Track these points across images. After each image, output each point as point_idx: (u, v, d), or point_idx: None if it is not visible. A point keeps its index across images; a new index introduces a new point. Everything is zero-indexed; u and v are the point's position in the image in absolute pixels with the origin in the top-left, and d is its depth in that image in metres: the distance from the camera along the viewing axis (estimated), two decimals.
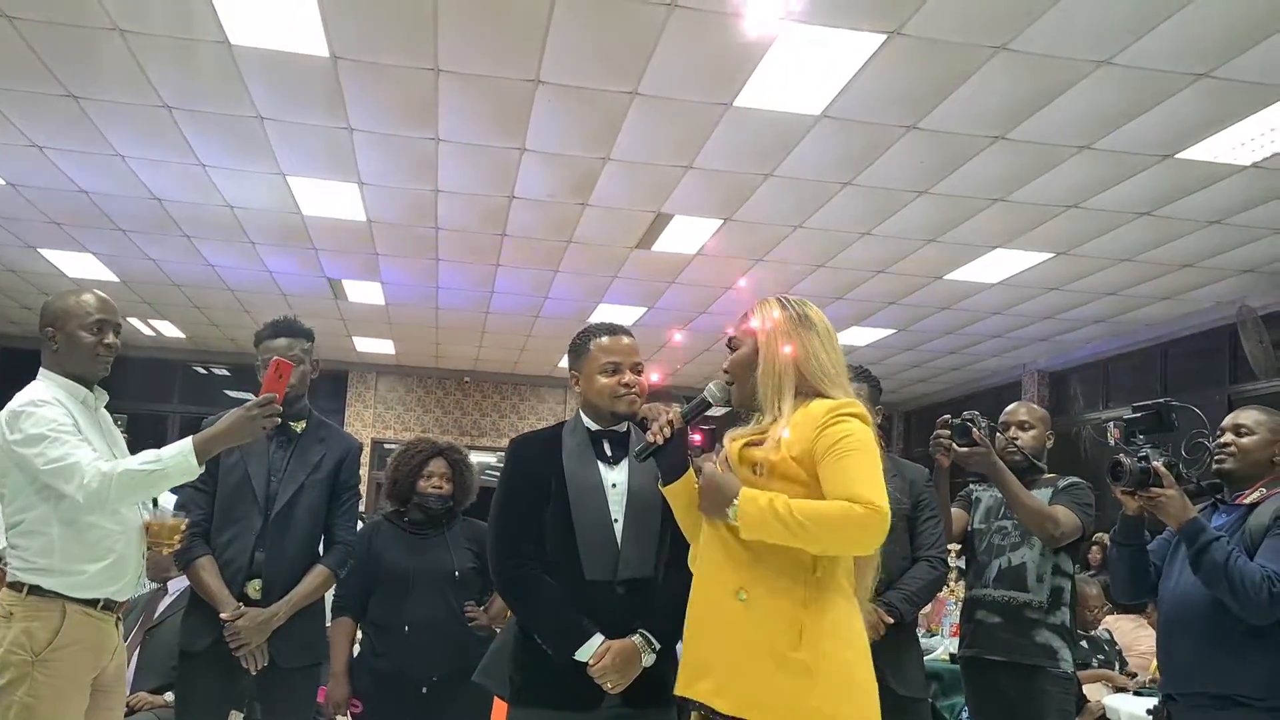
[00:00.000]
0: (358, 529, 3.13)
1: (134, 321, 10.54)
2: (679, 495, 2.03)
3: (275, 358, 2.46)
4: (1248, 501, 2.52)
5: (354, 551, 2.98)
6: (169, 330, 11.03)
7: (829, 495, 1.79)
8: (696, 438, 2.05)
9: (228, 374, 12.53)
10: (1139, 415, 2.61)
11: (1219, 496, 2.62)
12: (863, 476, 1.78)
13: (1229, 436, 2.58)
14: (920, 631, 5.20)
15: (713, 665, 1.83)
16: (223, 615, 2.67)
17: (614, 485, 2.29)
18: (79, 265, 8.16)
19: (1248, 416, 2.59)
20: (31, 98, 4.97)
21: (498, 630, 3.07)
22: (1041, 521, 2.99)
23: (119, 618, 2.51)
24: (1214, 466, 2.60)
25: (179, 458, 2.34)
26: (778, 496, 1.80)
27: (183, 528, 2.53)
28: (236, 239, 7.29)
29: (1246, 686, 2.35)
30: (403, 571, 3.10)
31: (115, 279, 8.61)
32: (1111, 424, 2.62)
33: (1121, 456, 2.48)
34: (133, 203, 6.56)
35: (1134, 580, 2.69)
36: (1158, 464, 2.45)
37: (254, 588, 2.74)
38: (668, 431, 1.97)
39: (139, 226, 7.13)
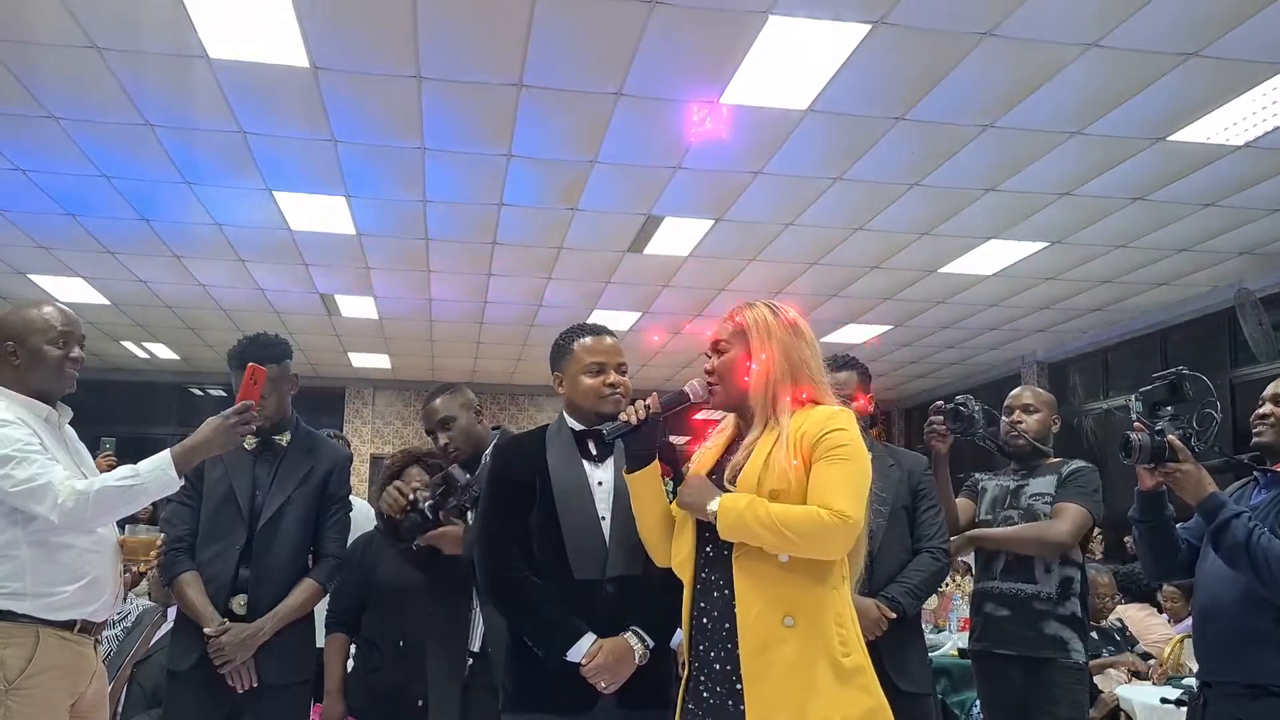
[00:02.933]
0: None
1: (127, 344, 10.49)
2: (640, 486, 2.01)
3: (250, 363, 2.42)
4: None
5: (344, 565, 2.92)
6: (163, 353, 10.98)
7: (810, 495, 1.82)
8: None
9: (224, 395, 12.47)
10: (1154, 387, 2.50)
11: (1258, 470, 2.46)
12: (843, 485, 1.81)
13: (1269, 407, 2.44)
14: (928, 627, 5.15)
15: (783, 696, 1.79)
16: (206, 631, 2.62)
17: (600, 484, 2.26)
18: (69, 289, 8.11)
19: None
20: (12, 120, 4.93)
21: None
22: (1047, 546, 2.99)
23: (97, 640, 2.44)
24: (1252, 439, 2.46)
25: (157, 471, 2.29)
26: (757, 500, 1.82)
27: (157, 543, 2.47)
28: (226, 257, 7.25)
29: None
30: (397, 585, 3.04)
31: (106, 302, 8.57)
32: (1133, 398, 2.51)
33: (1129, 432, 2.35)
34: (120, 224, 6.52)
35: (1159, 559, 2.53)
36: (1172, 437, 2.31)
37: (239, 603, 2.69)
38: (642, 414, 1.97)
39: (127, 248, 7.09)
